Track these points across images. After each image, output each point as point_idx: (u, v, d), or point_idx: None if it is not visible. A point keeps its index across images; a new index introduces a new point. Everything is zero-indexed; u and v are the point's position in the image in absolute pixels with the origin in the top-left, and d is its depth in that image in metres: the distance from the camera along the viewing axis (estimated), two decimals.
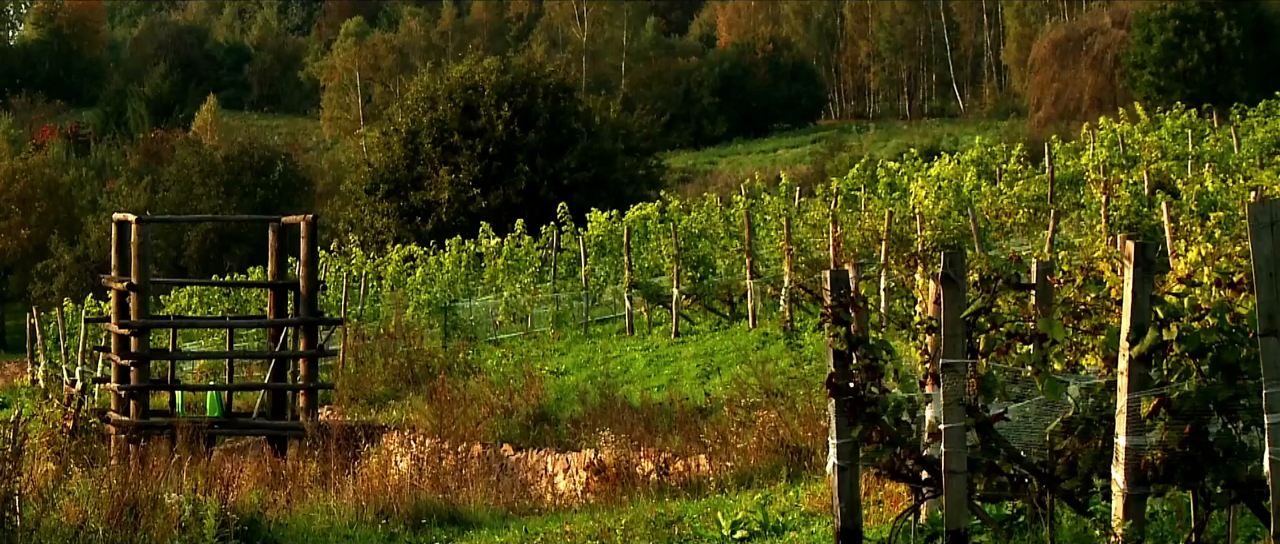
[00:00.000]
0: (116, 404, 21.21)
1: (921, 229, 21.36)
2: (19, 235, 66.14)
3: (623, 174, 51.61)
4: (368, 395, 24.19)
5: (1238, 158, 27.54)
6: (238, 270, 50.97)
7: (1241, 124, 33.56)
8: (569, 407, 20.14)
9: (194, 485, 11.96)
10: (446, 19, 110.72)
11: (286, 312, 21.47)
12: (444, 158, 49.33)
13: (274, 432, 20.77)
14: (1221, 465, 7.18)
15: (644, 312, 27.28)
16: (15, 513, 10.07)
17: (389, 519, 12.22)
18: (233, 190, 65.48)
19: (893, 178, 32.18)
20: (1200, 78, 59.20)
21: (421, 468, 15.93)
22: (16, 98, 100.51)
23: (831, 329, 8.43)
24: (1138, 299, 7.17)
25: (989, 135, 42.32)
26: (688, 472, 15.02)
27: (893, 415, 8.22)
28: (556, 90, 51.67)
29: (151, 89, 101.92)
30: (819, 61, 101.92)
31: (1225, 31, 60.23)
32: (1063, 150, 32.84)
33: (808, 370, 16.98)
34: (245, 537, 11.17)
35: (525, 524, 12.22)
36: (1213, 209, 17.74)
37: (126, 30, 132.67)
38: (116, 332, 20.92)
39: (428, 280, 33.56)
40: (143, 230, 20.74)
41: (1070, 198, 24.38)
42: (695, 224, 29.02)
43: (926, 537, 8.51)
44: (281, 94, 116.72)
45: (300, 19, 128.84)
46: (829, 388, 8.47)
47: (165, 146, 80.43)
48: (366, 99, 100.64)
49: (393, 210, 49.49)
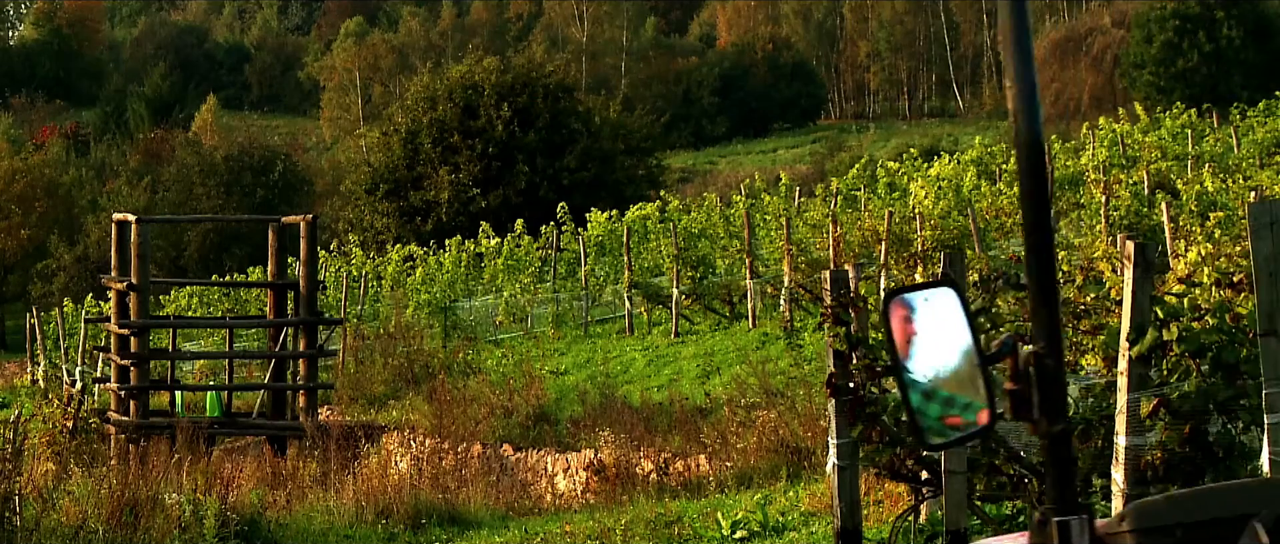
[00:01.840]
0: (116, 404, 21.20)
1: (921, 229, 21.36)
2: (19, 235, 66.13)
3: (623, 174, 51.60)
4: (368, 395, 24.19)
5: (1237, 158, 27.54)
6: (238, 270, 50.96)
7: (1241, 124, 33.56)
8: (569, 407, 20.14)
9: (194, 485, 11.96)
10: (446, 19, 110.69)
11: (286, 312, 21.47)
12: (444, 158, 49.32)
13: (274, 432, 20.76)
14: (1221, 465, 7.18)
15: (644, 312, 27.27)
16: (15, 513, 10.07)
17: (389, 519, 12.23)
18: (233, 190, 65.48)
19: (893, 178, 32.19)
20: (1200, 78, 59.21)
21: (421, 468, 15.92)
22: (16, 98, 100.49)
23: (831, 329, 8.43)
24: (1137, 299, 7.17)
25: (989, 135, 42.30)
26: (687, 472, 15.02)
27: (893, 415, 8.22)
28: (556, 90, 51.66)
29: (151, 89, 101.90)
30: (819, 61, 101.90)
31: (1225, 31, 60.24)
32: (1062, 150, 32.85)
33: (808, 370, 16.97)
34: (245, 537, 11.18)
35: (525, 524, 12.22)
36: (1213, 209, 17.74)
37: (126, 30, 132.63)
38: (116, 332, 20.91)
39: (428, 280, 33.55)
40: (143, 230, 20.73)
41: (1070, 198, 24.38)
42: (695, 224, 29.02)
43: (926, 537, 8.52)
44: (281, 94, 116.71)
45: (300, 19, 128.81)
46: (829, 388, 8.48)
47: (165, 146, 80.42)
48: (366, 99, 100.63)
49: (393, 210, 49.48)
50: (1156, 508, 2.84)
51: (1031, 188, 2.70)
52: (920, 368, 2.79)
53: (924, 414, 2.78)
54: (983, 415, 2.76)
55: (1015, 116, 2.64)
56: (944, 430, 2.80)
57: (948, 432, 2.80)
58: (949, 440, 2.85)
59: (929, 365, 2.79)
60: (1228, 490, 3.31)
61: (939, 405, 2.79)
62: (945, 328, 2.79)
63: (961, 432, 2.81)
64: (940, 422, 2.78)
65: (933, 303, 2.80)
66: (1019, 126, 2.64)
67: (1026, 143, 2.64)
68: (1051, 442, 2.70)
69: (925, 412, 2.79)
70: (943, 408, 2.79)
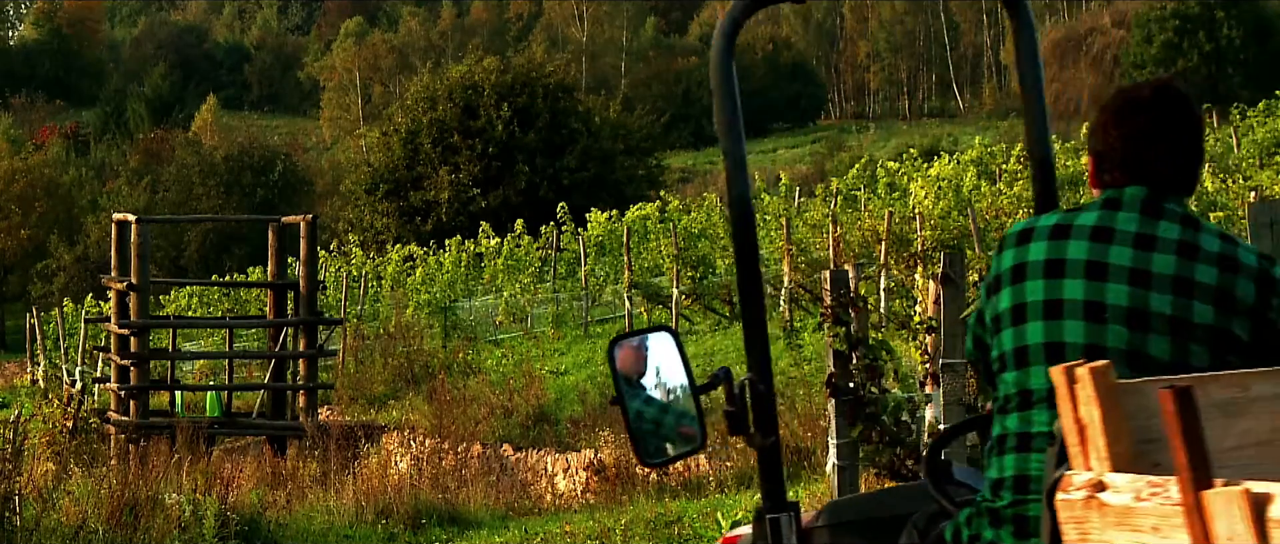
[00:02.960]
0: (116, 404, 21.20)
1: (921, 229, 21.36)
2: (19, 235, 66.13)
3: (623, 174, 51.58)
4: (368, 395, 24.19)
5: (1237, 158, 27.54)
6: (238, 270, 50.97)
7: (1241, 124, 33.55)
8: (569, 407, 20.13)
9: (194, 485, 11.96)
10: (446, 19, 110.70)
11: (286, 312, 21.46)
12: (444, 158, 49.32)
13: (274, 432, 20.76)
14: None
15: (644, 312, 27.28)
16: (15, 513, 10.07)
17: (389, 519, 12.23)
18: (233, 190, 65.48)
19: (892, 178, 32.18)
20: (1200, 78, 59.21)
21: (421, 468, 15.92)
22: (16, 98, 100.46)
23: (831, 329, 8.43)
24: None
25: (989, 135, 42.34)
26: (687, 472, 15.02)
27: (893, 415, 8.23)
28: (556, 90, 51.64)
29: (151, 89, 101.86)
30: (819, 61, 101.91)
31: (1225, 31, 60.26)
32: (1063, 150, 32.83)
33: (808, 370, 16.97)
34: (245, 537, 11.17)
35: (525, 524, 12.22)
36: (1212, 209, 17.74)
37: (126, 30, 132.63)
38: (116, 332, 20.91)
39: (428, 280, 33.55)
40: (143, 230, 20.73)
41: (1070, 198, 24.38)
42: (695, 224, 29.02)
43: None
44: (281, 94, 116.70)
45: (300, 19, 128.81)
46: (829, 388, 8.48)
47: (165, 146, 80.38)
48: (366, 99, 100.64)
49: (393, 210, 49.48)
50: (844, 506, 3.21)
51: (741, 245, 3.23)
52: (645, 397, 3.31)
53: (647, 436, 3.29)
54: (696, 437, 3.28)
55: (728, 183, 3.23)
56: (662, 450, 3.33)
57: (665, 450, 3.35)
58: (665, 459, 3.38)
59: (653, 396, 3.29)
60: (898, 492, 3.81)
61: (664, 428, 3.30)
62: (666, 364, 3.28)
63: (679, 450, 3.34)
64: (663, 442, 3.29)
65: (656, 344, 3.31)
66: (731, 193, 3.23)
67: (736, 204, 3.22)
68: (763, 453, 3.23)
69: (649, 434, 3.29)
70: (666, 430, 3.30)
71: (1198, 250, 2.97)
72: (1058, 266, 3.03)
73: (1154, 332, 2.93)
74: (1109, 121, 3.10)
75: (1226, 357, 2.92)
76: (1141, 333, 2.93)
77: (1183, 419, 2.04)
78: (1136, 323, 2.94)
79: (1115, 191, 3.07)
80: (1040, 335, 3.01)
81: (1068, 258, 3.02)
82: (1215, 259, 2.97)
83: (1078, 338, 2.97)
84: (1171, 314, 2.93)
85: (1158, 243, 2.98)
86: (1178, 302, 2.94)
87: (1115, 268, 2.98)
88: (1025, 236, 3.11)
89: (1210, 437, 2.08)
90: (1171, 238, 2.99)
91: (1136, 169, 3.05)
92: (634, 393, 3.31)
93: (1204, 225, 3.03)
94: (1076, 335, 2.97)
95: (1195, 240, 2.99)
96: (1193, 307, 2.93)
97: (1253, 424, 2.25)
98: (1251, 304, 2.95)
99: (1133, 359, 2.90)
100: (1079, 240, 3.03)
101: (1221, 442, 2.18)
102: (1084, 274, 2.99)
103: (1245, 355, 2.93)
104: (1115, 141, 3.08)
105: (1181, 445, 2.03)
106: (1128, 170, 3.06)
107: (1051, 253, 3.04)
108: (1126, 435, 2.18)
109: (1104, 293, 2.97)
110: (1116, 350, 2.91)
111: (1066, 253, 3.03)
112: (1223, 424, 2.22)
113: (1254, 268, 2.98)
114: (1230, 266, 2.96)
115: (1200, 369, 2.81)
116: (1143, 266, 2.96)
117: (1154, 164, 3.04)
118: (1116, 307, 2.95)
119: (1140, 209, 3.02)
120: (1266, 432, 2.26)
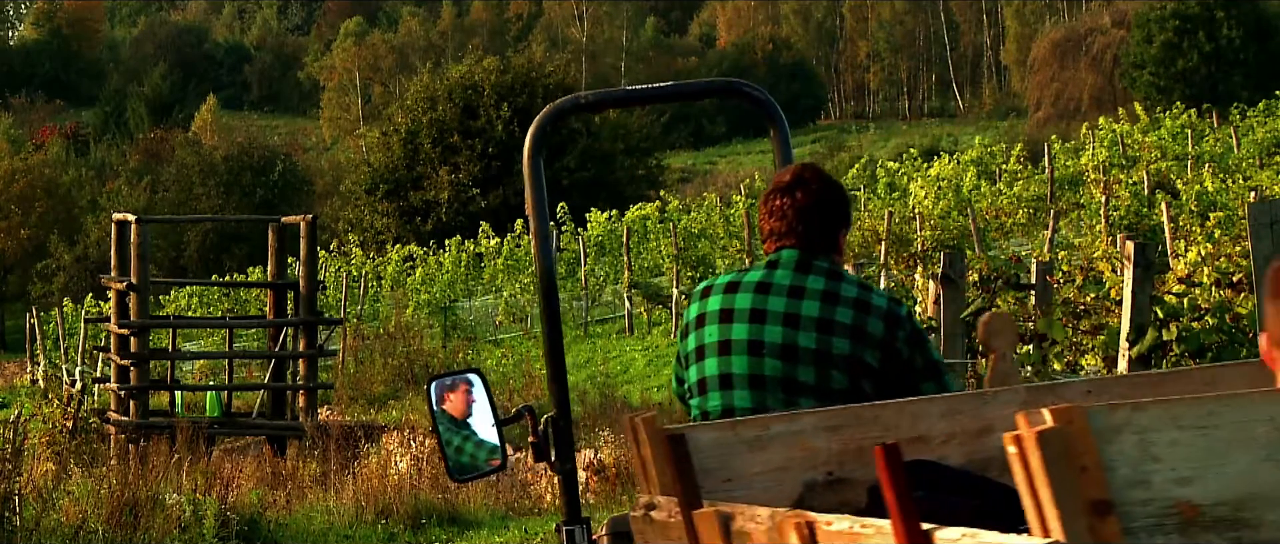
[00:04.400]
0: (116, 404, 21.19)
1: (921, 229, 21.37)
2: (19, 235, 66.12)
3: (622, 174, 51.59)
4: (367, 395, 24.19)
5: (1237, 158, 27.55)
6: (237, 270, 50.97)
7: (1241, 124, 33.56)
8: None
9: (194, 485, 11.96)
10: (446, 19, 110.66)
11: (286, 312, 21.45)
12: (444, 158, 49.32)
13: (274, 432, 20.75)
14: None
15: (644, 312, 27.28)
16: (15, 513, 10.07)
17: (389, 519, 12.23)
18: (233, 190, 65.45)
19: (892, 178, 32.20)
20: (1200, 78, 59.21)
21: (421, 468, 15.92)
22: (16, 98, 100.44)
23: None
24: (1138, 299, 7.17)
25: (989, 135, 42.34)
26: None
27: None
28: (556, 90, 51.60)
29: (151, 89, 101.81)
30: (819, 61, 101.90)
31: (1225, 31, 60.23)
32: (1062, 150, 32.86)
33: None
34: (245, 537, 11.18)
35: (525, 524, 12.22)
36: (1212, 209, 17.73)
37: (126, 30, 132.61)
38: (116, 332, 20.90)
39: (427, 280, 33.56)
40: (143, 230, 20.72)
41: (1070, 198, 24.40)
42: (695, 224, 29.03)
43: None
44: (281, 94, 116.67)
45: (300, 19, 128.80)
46: None
47: (165, 146, 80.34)
48: (366, 99, 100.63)
49: (392, 210, 49.48)
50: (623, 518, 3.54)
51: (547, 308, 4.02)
52: (459, 426, 3.97)
53: (458, 456, 3.95)
54: (497, 461, 3.99)
55: (536, 255, 4.05)
56: (472, 468, 4.01)
57: (473, 469, 4.03)
58: (469, 476, 4.08)
59: (466, 425, 3.96)
60: None
61: (474, 451, 3.97)
62: (477, 400, 3.96)
63: (483, 471, 4.07)
64: (472, 462, 3.97)
65: (470, 383, 4.00)
66: (538, 265, 4.06)
67: (544, 276, 4.03)
68: (563, 477, 3.97)
69: (459, 454, 3.95)
70: (475, 452, 3.97)
71: (838, 297, 3.67)
72: (728, 314, 3.73)
73: (802, 362, 3.62)
74: (765, 202, 3.80)
75: (860, 380, 3.61)
76: (792, 363, 3.63)
77: (675, 458, 2.61)
78: (789, 356, 3.64)
79: (775, 254, 3.76)
80: (715, 368, 3.72)
81: (736, 307, 3.73)
82: (852, 303, 3.66)
83: (743, 370, 3.68)
84: (815, 348, 3.62)
85: (806, 292, 3.67)
86: (821, 338, 3.63)
87: (772, 313, 3.67)
88: (706, 293, 3.83)
89: (742, 465, 2.80)
90: (818, 288, 3.67)
91: (788, 237, 3.74)
92: (448, 424, 3.96)
93: (845, 277, 3.72)
94: (742, 367, 3.68)
95: (836, 289, 3.68)
96: (833, 341, 3.62)
97: (772, 455, 2.87)
98: (881, 337, 3.64)
99: (786, 385, 3.63)
100: (745, 293, 3.73)
101: (750, 468, 2.83)
102: (748, 319, 3.70)
103: (876, 378, 3.61)
104: (770, 218, 3.76)
105: (676, 477, 2.60)
106: (782, 239, 3.75)
107: (724, 303, 3.75)
108: (670, 468, 2.63)
109: (763, 333, 3.67)
110: (773, 378, 3.63)
111: (735, 303, 3.73)
112: (749, 456, 2.84)
113: (883, 308, 3.68)
114: (863, 308, 3.66)
115: (841, 390, 3.57)
116: (794, 311, 3.66)
117: (802, 232, 3.72)
118: (773, 344, 3.65)
119: (794, 267, 3.71)
120: (781, 460, 2.87)
